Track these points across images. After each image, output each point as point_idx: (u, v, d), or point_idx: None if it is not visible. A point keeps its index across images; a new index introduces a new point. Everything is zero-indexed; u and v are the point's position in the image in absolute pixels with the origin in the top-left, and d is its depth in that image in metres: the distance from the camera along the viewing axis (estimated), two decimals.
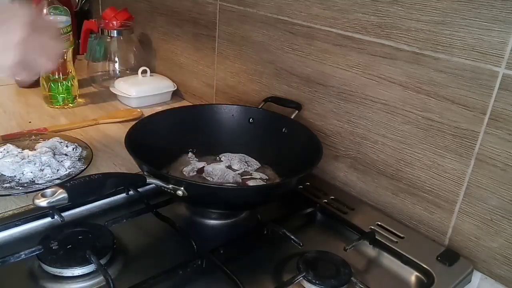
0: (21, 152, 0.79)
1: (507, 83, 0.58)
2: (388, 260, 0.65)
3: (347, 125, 0.79)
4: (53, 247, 0.59)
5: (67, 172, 0.76)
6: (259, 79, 0.95)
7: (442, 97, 0.64)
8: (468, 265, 0.64)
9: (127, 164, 0.80)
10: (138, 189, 0.71)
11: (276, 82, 0.91)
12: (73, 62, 1.07)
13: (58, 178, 0.74)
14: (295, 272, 0.58)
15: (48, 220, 0.66)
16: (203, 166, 0.80)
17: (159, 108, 1.08)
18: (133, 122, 0.77)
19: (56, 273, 0.56)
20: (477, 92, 0.61)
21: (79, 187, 0.54)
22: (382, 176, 0.75)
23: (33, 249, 0.58)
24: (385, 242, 0.66)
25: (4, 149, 0.79)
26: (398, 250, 0.65)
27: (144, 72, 1.12)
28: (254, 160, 0.83)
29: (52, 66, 0.60)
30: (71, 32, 1.02)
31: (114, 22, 1.18)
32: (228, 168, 0.80)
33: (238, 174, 0.79)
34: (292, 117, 0.83)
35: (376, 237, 0.67)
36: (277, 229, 0.65)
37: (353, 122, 0.78)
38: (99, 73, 1.22)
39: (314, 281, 0.57)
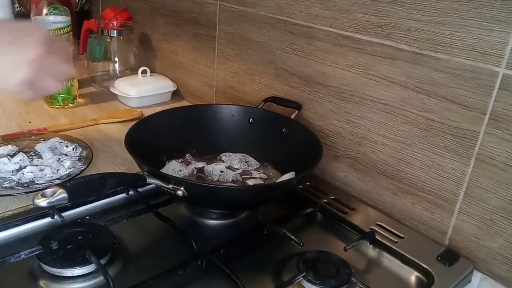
0: (21, 152, 0.79)
1: (507, 83, 0.58)
2: (388, 260, 0.65)
3: (347, 125, 0.79)
4: (53, 247, 0.59)
5: (67, 172, 0.76)
6: (259, 79, 0.95)
7: (442, 97, 0.64)
8: (468, 265, 0.64)
9: (127, 164, 0.80)
10: (138, 189, 0.71)
11: (276, 82, 0.91)
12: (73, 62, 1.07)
13: (58, 178, 0.74)
14: (295, 272, 0.58)
15: (48, 220, 0.66)
16: (203, 166, 0.80)
17: (159, 108, 1.07)
18: (133, 122, 0.77)
19: (56, 273, 0.56)
20: (477, 92, 0.61)
21: (79, 187, 0.54)
22: (382, 176, 0.75)
23: (33, 249, 0.58)
24: (385, 242, 0.66)
25: (7, 149, 0.79)
26: (398, 250, 0.65)
27: (144, 72, 1.12)
28: (255, 160, 0.83)
29: (58, 88, 0.60)
30: (71, 32, 1.02)
31: (114, 22, 1.18)
32: (228, 168, 0.80)
33: (238, 173, 0.79)
34: (292, 117, 0.83)
35: (376, 237, 0.67)
36: (277, 229, 0.64)
37: (353, 122, 0.78)
38: (99, 73, 1.22)
39: (314, 281, 0.57)
